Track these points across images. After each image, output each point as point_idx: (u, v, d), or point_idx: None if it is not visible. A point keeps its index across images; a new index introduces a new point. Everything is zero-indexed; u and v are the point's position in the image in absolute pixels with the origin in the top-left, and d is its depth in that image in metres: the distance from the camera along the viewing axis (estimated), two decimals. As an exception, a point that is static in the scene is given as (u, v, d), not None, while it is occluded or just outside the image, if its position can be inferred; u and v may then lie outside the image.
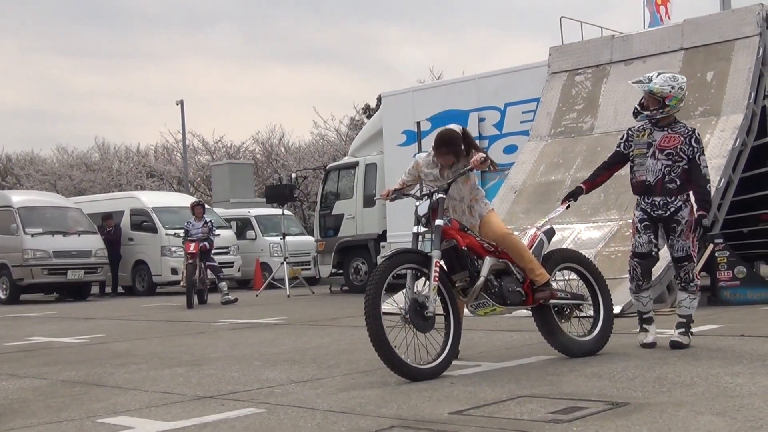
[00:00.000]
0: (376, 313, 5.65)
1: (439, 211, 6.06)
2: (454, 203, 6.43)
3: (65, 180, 41.68)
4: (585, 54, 13.74)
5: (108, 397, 5.68)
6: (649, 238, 6.82)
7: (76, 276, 20.32)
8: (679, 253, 6.75)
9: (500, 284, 6.22)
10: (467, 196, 6.41)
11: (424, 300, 5.83)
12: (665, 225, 6.79)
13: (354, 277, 18.43)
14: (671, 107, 6.74)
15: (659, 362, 6.03)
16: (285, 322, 11.22)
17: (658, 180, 6.72)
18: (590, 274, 6.80)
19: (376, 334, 5.62)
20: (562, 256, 6.79)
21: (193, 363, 7.26)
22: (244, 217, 24.65)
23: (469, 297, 6.18)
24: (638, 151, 6.86)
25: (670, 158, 6.70)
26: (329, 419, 4.62)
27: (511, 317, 8.72)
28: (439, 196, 6.11)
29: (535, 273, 6.29)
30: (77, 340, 9.93)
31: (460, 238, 6.14)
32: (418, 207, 6.16)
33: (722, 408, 4.40)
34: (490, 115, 15.60)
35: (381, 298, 5.70)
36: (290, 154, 40.32)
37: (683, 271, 6.77)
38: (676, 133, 6.73)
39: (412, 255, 6.01)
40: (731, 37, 12.14)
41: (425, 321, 5.83)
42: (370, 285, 5.75)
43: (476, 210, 6.42)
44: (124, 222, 22.50)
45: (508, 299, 6.23)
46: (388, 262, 5.89)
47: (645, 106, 6.83)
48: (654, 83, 6.73)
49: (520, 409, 4.62)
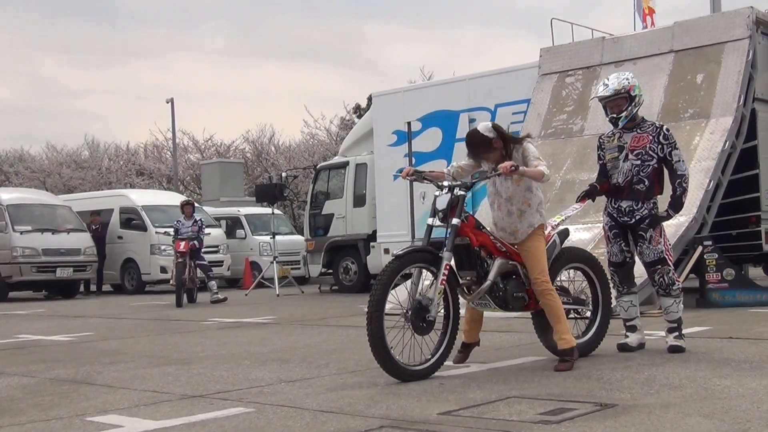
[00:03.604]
0: (379, 313, 5.59)
1: (458, 209, 5.88)
2: (499, 200, 6.21)
3: (54, 177, 41.54)
4: (575, 55, 13.78)
5: (97, 396, 5.66)
6: (620, 246, 6.85)
7: (65, 274, 20.26)
8: (650, 258, 6.71)
9: (506, 288, 6.11)
10: (518, 197, 6.14)
11: (428, 303, 5.74)
12: (632, 232, 6.80)
13: (343, 277, 18.43)
14: (639, 95, 6.78)
15: (648, 364, 6.05)
16: (274, 322, 11.21)
17: (627, 181, 6.72)
18: (596, 276, 6.78)
19: (375, 335, 5.57)
20: (572, 256, 6.69)
21: (182, 362, 7.25)
22: (233, 216, 24.62)
23: (472, 296, 6.13)
24: (611, 156, 6.88)
25: (639, 158, 6.70)
26: (318, 419, 4.62)
27: (501, 317, 8.75)
28: (460, 193, 5.91)
29: (560, 336, 6.10)
30: (66, 338, 9.90)
31: (474, 237, 5.97)
32: (437, 198, 5.94)
33: (710, 410, 4.42)
34: (480, 116, 15.58)
35: (386, 299, 5.61)
36: (280, 153, 40.29)
37: (658, 274, 6.70)
38: (644, 132, 6.73)
39: (423, 254, 5.84)
40: (721, 39, 12.18)
41: (425, 325, 5.76)
42: (377, 284, 5.65)
43: (527, 217, 6.14)
44: (113, 220, 22.45)
45: (511, 305, 6.17)
46: (399, 263, 5.74)
47: (617, 111, 6.83)
48: (612, 84, 6.77)
49: (509, 410, 4.63)
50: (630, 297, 6.93)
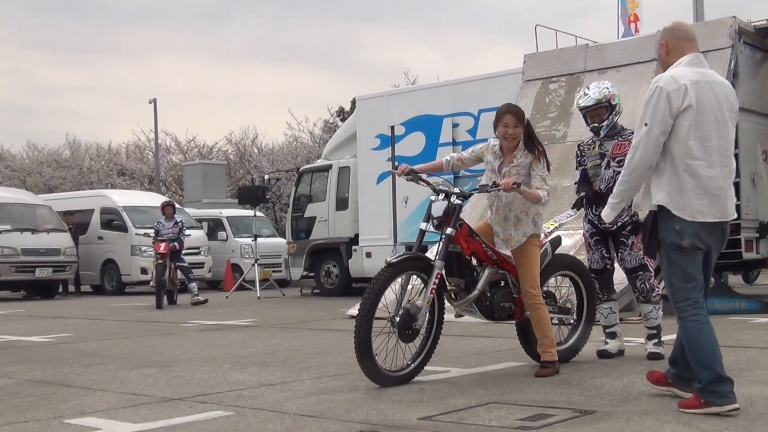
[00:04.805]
0: (369, 321, 5.54)
1: (454, 219, 5.85)
2: (498, 203, 6.19)
3: (35, 177, 41.30)
4: (559, 62, 13.83)
5: (75, 398, 5.63)
6: (601, 253, 6.89)
7: (45, 274, 20.13)
8: (631, 264, 6.76)
9: (493, 298, 6.11)
10: (518, 204, 6.12)
11: (416, 312, 5.70)
12: (614, 239, 6.84)
13: (325, 280, 18.41)
14: (618, 104, 6.85)
15: (627, 371, 6.08)
16: (255, 324, 11.18)
17: (609, 188, 6.73)
18: (583, 284, 6.80)
19: (362, 343, 5.52)
20: (562, 263, 6.69)
21: (162, 364, 7.22)
22: (215, 217, 24.57)
23: (459, 304, 6.11)
24: (592, 163, 6.94)
25: (621, 165, 6.73)
26: (298, 423, 4.61)
27: (482, 322, 8.75)
28: (457, 202, 5.89)
29: (545, 350, 6.10)
30: (44, 339, 9.84)
31: (465, 245, 5.94)
32: (434, 204, 5.90)
33: (688, 417, 4.44)
34: (464, 121, 15.66)
35: (377, 307, 5.57)
36: (263, 155, 40.24)
37: (639, 281, 6.77)
38: (626, 140, 6.77)
39: (415, 262, 5.82)
40: (704, 48, 12.17)
41: (411, 333, 5.73)
42: (369, 292, 5.58)
43: (522, 226, 6.12)
44: (93, 221, 22.34)
45: (496, 314, 6.16)
46: (391, 271, 5.68)
47: (598, 121, 6.87)
48: (594, 94, 6.83)
49: (489, 416, 4.63)
50: (610, 304, 6.97)
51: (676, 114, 4.56)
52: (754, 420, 4.35)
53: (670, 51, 4.83)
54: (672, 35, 4.85)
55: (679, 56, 4.76)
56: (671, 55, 4.82)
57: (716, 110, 4.63)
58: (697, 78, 4.62)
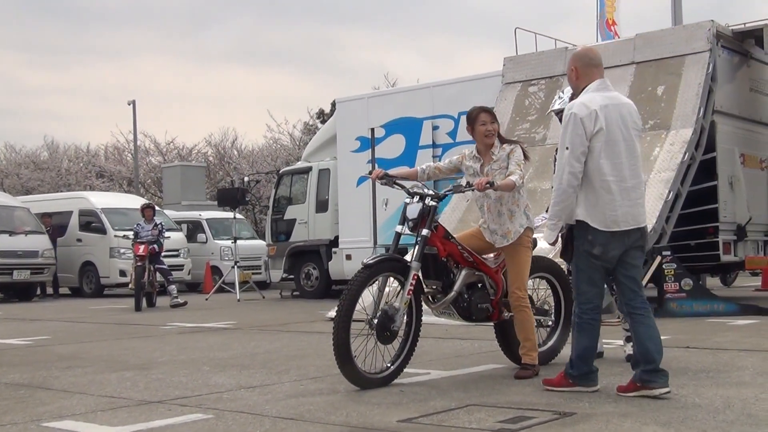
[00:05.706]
0: (347, 323, 5.55)
1: (429, 220, 5.88)
2: (488, 202, 6.19)
3: (12, 178, 41.02)
4: (539, 65, 13.89)
5: (53, 401, 5.59)
6: None
7: (23, 276, 20.00)
8: None
9: (470, 299, 6.12)
10: (507, 197, 6.14)
11: (394, 313, 5.72)
12: None
13: (305, 283, 18.38)
14: None
15: (606, 373, 6.09)
16: (235, 327, 11.15)
17: None
18: (560, 286, 6.83)
19: (341, 344, 5.53)
20: (540, 266, 6.70)
21: (141, 367, 7.19)
22: (195, 219, 24.48)
23: (437, 306, 6.13)
24: None
25: None
26: (278, 426, 4.60)
27: (461, 324, 8.76)
28: (431, 203, 5.92)
29: (527, 352, 6.15)
30: (22, 341, 9.76)
31: (441, 247, 5.97)
32: (408, 207, 5.94)
33: (667, 419, 4.47)
34: (444, 124, 15.69)
35: (354, 309, 5.58)
36: (243, 157, 40.14)
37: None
38: None
39: (392, 263, 5.84)
40: (682, 52, 12.35)
41: (389, 334, 5.74)
42: (346, 294, 5.60)
43: (517, 218, 6.16)
44: (72, 223, 22.20)
45: (474, 315, 6.18)
46: (368, 272, 5.70)
47: None
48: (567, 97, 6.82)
49: (469, 418, 4.64)
50: None
51: (590, 136, 5.11)
52: (731, 422, 4.38)
53: (579, 76, 5.37)
54: (581, 62, 5.37)
55: (588, 81, 5.29)
56: (581, 80, 5.36)
57: (623, 130, 5.18)
58: (606, 102, 5.18)
